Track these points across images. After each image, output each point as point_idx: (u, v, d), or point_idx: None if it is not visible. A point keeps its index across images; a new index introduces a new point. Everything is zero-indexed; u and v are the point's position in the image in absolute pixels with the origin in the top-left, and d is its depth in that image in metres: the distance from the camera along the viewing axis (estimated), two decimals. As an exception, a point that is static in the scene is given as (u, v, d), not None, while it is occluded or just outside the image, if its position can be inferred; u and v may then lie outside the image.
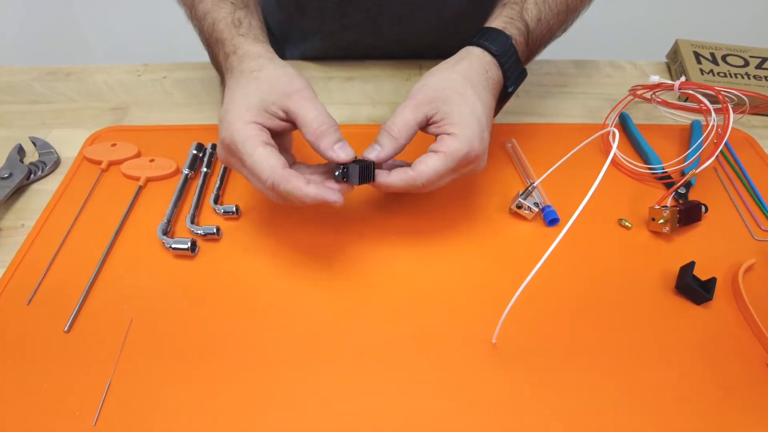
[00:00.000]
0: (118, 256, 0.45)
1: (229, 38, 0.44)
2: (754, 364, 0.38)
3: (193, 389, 0.37)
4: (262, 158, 0.37)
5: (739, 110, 0.54)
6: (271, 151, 0.37)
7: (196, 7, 0.48)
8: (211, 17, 0.46)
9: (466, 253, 0.45)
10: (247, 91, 0.39)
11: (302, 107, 0.38)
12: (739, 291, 0.41)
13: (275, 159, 0.37)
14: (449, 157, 0.38)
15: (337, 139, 0.38)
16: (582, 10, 0.53)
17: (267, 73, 0.39)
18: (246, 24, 0.44)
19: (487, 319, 0.39)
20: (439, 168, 0.39)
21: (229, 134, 0.38)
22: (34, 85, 0.64)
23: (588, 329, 0.40)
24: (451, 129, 0.39)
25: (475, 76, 0.42)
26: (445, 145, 0.39)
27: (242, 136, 0.37)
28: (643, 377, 0.37)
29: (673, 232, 0.45)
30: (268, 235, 0.46)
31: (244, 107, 0.38)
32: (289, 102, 0.38)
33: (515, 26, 0.45)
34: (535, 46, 0.48)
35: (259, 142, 0.37)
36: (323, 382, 0.37)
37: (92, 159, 0.53)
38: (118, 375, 0.37)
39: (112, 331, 0.40)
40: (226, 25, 0.44)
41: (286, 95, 0.38)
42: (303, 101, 0.38)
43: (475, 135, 0.39)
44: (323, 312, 0.41)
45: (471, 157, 0.39)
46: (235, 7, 0.46)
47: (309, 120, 0.38)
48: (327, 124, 0.38)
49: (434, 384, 0.37)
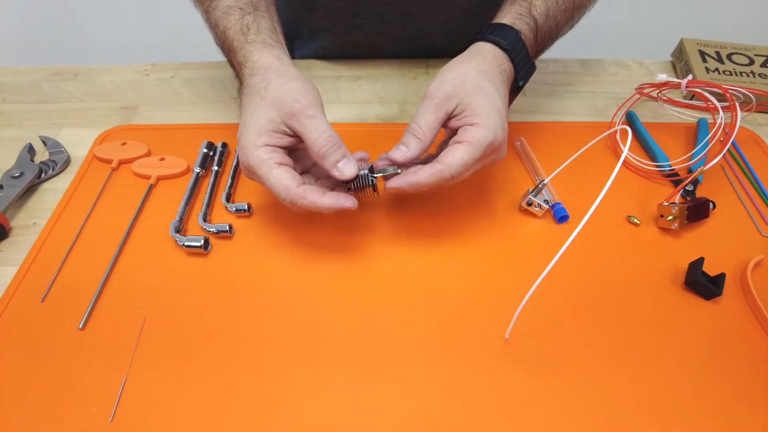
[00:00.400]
0: (131, 255, 0.45)
1: (238, 47, 0.44)
2: (764, 359, 0.38)
3: (208, 386, 0.37)
4: (277, 181, 0.39)
5: (746, 108, 0.55)
6: (285, 171, 0.39)
7: (210, 15, 0.48)
8: (222, 25, 0.46)
9: (476, 250, 0.45)
10: (257, 114, 0.40)
11: (306, 128, 0.39)
12: (748, 286, 0.41)
13: (289, 179, 0.39)
14: (475, 146, 0.39)
15: (340, 156, 0.39)
16: (589, 6, 0.53)
17: (273, 90, 0.40)
18: (254, 29, 0.45)
19: (499, 316, 0.39)
20: (466, 158, 0.39)
21: (246, 158, 0.40)
22: (42, 85, 0.65)
23: (598, 325, 0.40)
24: (474, 119, 0.39)
25: (489, 69, 0.42)
26: (470, 134, 0.39)
27: (256, 160, 0.39)
28: (654, 373, 0.38)
29: (681, 228, 0.46)
30: (280, 233, 0.47)
31: (255, 132, 0.40)
32: (294, 122, 0.39)
33: (524, 22, 0.46)
34: (544, 41, 0.49)
35: (273, 165, 0.39)
36: (336, 379, 0.37)
37: (102, 158, 0.53)
38: (133, 372, 0.38)
39: (127, 329, 0.40)
40: (236, 33, 0.45)
41: (291, 115, 0.39)
42: (307, 121, 0.39)
43: (497, 123, 0.39)
44: (336, 309, 0.41)
45: (495, 146, 0.40)
46: (244, 12, 0.46)
47: (312, 141, 0.39)
48: (329, 144, 0.39)
49: (447, 380, 0.37)
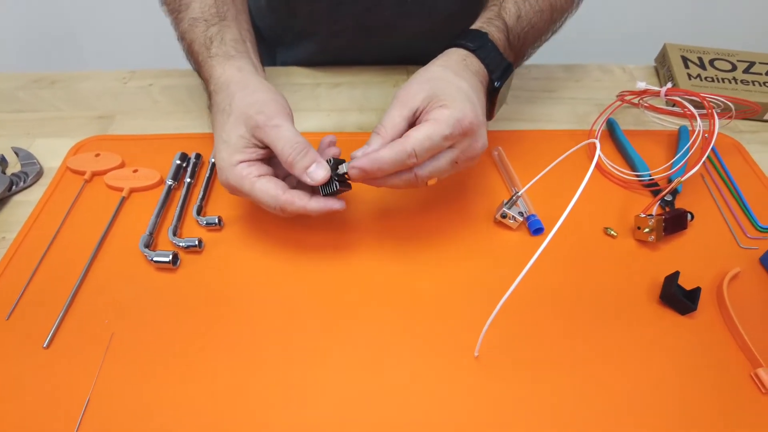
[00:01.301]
0: (100, 269, 0.45)
1: (203, 62, 0.44)
2: (738, 375, 0.38)
3: (175, 404, 0.36)
4: (261, 192, 0.39)
5: (726, 116, 0.54)
6: (267, 181, 0.39)
7: (178, 27, 0.48)
8: (188, 38, 0.46)
9: (450, 263, 0.45)
10: (226, 132, 0.40)
11: (272, 138, 0.38)
12: (724, 300, 0.41)
13: (273, 188, 0.39)
14: (441, 121, 0.37)
15: (309, 162, 0.38)
16: (572, 9, 0.53)
17: (237, 106, 0.40)
18: (217, 41, 0.45)
19: (471, 331, 0.39)
20: (431, 132, 0.37)
21: (225, 178, 0.40)
22: (18, 93, 0.64)
23: (572, 340, 0.40)
24: (440, 103, 0.38)
25: (454, 64, 0.42)
26: (435, 113, 0.38)
27: (236, 178, 0.39)
28: (628, 388, 0.37)
29: (658, 240, 0.45)
30: (251, 246, 0.46)
31: (227, 151, 0.40)
32: (261, 135, 0.39)
33: (493, 24, 0.46)
34: (520, 43, 0.48)
35: (254, 179, 0.39)
36: (306, 395, 0.37)
37: (75, 170, 0.53)
38: (97, 391, 0.37)
39: (93, 346, 0.40)
40: (200, 47, 0.45)
41: (257, 128, 0.39)
42: (272, 131, 0.38)
43: (466, 106, 0.38)
44: (305, 325, 0.41)
45: (465, 125, 0.38)
46: (209, 24, 0.46)
47: (279, 151, 0.38)
48: (296, 151, 0.38)
49: (418, 394, 0.37)
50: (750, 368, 0.38)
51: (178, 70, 0.67)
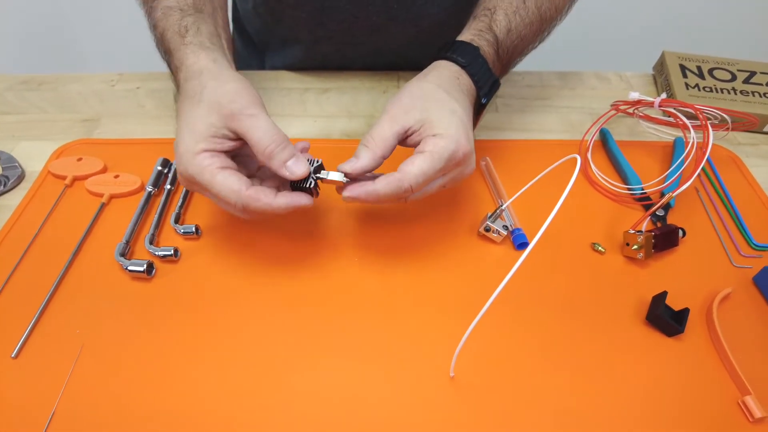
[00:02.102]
0: (75, 278, 0.44)
1: (175, 49, 0.42)
2: (725, 401, 0.36)
3: (143, 416, 0.36)
4: (223, 186, 0.36)
5: (722, 128, 0.52)
6: (230, 174, 0.37)
7: (150, 16, 0.47)
8: (161, 26, 0.45)
9: (430, 277, 0.43)
10: (193, 119, 0.38)
11: (248, 127, 0.37)
12: (713, 323, 0.39)
13: (236, 182, 0.36)
14: (436, 155, 0.37)
15: (288, 155, 0.37)
16: (559, 19, 0.52)
17: (209, 94, 0.38)
18: (192, 31, 0.43)
19: (449, 349, 0.37)
20: (426, 168, 0.37)
21: (184, 168, 0.37)
22: (6, 94, 0.63)
23: (553, 359, 0.38)
24: (434, 131, 0.37)
25: (447, 82, 0.41)
26: (431, 144, 0.37)
27: (196, 167, 0.37)
28: (609, 412, 0.36)
29: (648, 257, 0.43)
30: (228, 256, 0.45)
31: (192, 139, 0.37)
32: (234, 123, 0.37)
33: (483, 38, 0.44)
34: (508, 56, 0.47)
35: (216, 170, 0.36)
36: (279, 408, 0.36)
37: (57, 174, 0.52)
38: (63, 403, 0.36)
39: (62, 357, 0.39)
40: (173, 35, 0.43)
41: (231, 116, 0.37)
42: (248, 120, 0.37)
43: (460, 134, 0.38)
44: (279, 338, 0.40)
45: (459, 156, 0.38)
46: (184, 14, 0.44)
47: (256, 140, 0.36)
48: (275, 143, 0.36)
49: (392, 415, 0.36)
50: (738, 395, 0.36)
51: (165, 73, 0.65)
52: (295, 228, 0.47)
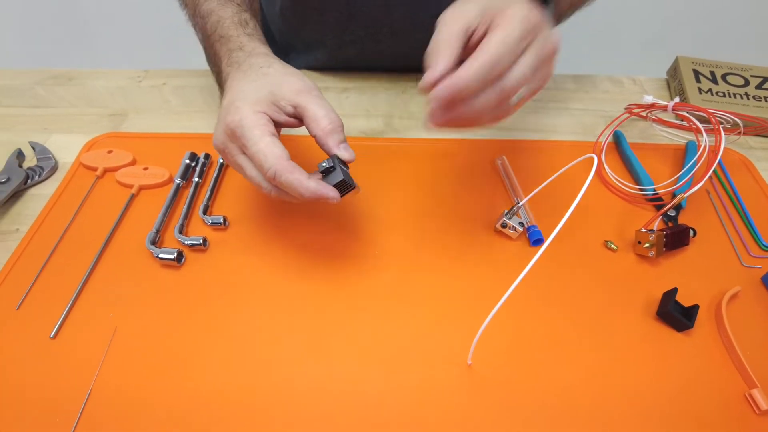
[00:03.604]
0: (107, 264, 0.46)
1: (235, 36, 0.45)
2: (732, 394, 0.38)
3: (174, 398, 0.37)
4: (268, 147, 0.37)
5: (734, 132, 0.53)
6: (277, 141, 0.38)
7: (200, 5, 0.49)
8: (216, 15, 0.47)
9: (449, 271, 0.45)
10: (257, 84, 0.40)
11: (313, 104, 0.38)
12: (722, 319, 0.40)
13: (280, 149, 0.37)
14: (509, 24, 0.34)
15: (344, 138, 0.39)
16: None
17: (277, 70, 0.40)
18: (252, 25, 0.46)
19: (467, 339, 0.39)
20: (504, 36, 0.34)
21: (238, 118, 0.38)
22: (36, 88, 0.66)
23: (567, 353, 0.40)
24: (499, 10, 0.35)
25: None
26: (498, 19, 0.35)
27: (251, 121, 0.37)
28: (620, 402, 0.37)
29: (659, 256, 0.45)
30: (254, 246, 0.47)
31: (253, 97, 0.39)
32: (300, 98, 0.39)
33: None
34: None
35: (267, 132, 0.37)
36: (303, 395, 0.38)
37: (88, 165, 0.54)
38: (99, 383, 0.38)
39: (97, 339, 0.41)
40: (233, 24, 0.46)
41: (297, 92, 0.39)
42: (314, 99, 0.39)
43: (524, 4, 0.35)
44: (304, 326, 0.42)
45: (534, 20, 0.35)
46: (241, 8, 0.48)
47: (320, 116, 0.38)
48: (336, 123, 0.38)
49: (411, 400, 0.37)
50: (745, 388, 0.38)
51: (190, 71, 0.68)
52: (319, 222, 0.49)
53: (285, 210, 0.50)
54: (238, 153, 0.39)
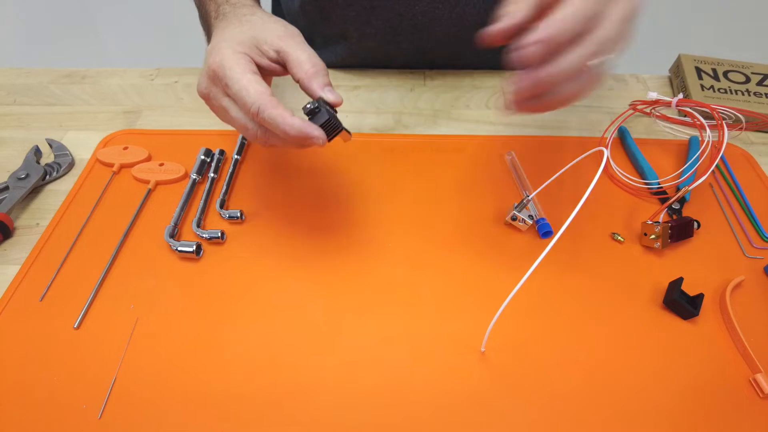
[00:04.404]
0: (127, 257, 0.47)
1: None
2: (737, 380, 0.39)
3: (194, 387, 0.39)
4: (250, 83, 0.37)
5: (736, 128, 0.55)
6: (260, 78, 0.38)
7: None
8: None
9: (460, 262, 0.46)
10: (241, 29, 0.40)
11: (296, 48, 0.39)
12: (726, 307, 0.42)
13: (263, 86, 0.37)
14: None
15: (328, 81, 0.39)
16: None
17: (260, 17, 0.41)
18: None
19: (479, 328, 0.40)
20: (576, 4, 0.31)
21: (219, 59, 0.38)
22: (51, 87, 0.67)
23: (576, 341, 0.41)
24: None
25: None
26: None
27: (231, 61, 0.38)
28: (629, 388, 0.38)
29: (664, 247, 0.46)
30: (271, 239, 0.48)
31: (236, 40, 0.39)
32: (283, 43, 0.39)
33: None
34: None
35: (248, 69, 0.38)
36: (319, 385, 0.39)
37: (105, 162, 0.55)
38: (123, 372, 0.39)
39: (119, 329, 0.42)
40: None
41: (280, 37, 0.40)
42: (297, 44, 0.39)
43: None
44: (320, 317, 0.43)
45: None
46: None
47: (302, 60, 0.39)
48: (319, 66, 0.39)
49: (426, 390, 0.38)
50: (749, 373, 0.39)
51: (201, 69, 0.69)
52: (333, 215, 0.50)
53: (300, 203, 0.51)
54: (222, 96, 0.39)
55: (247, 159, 0.56)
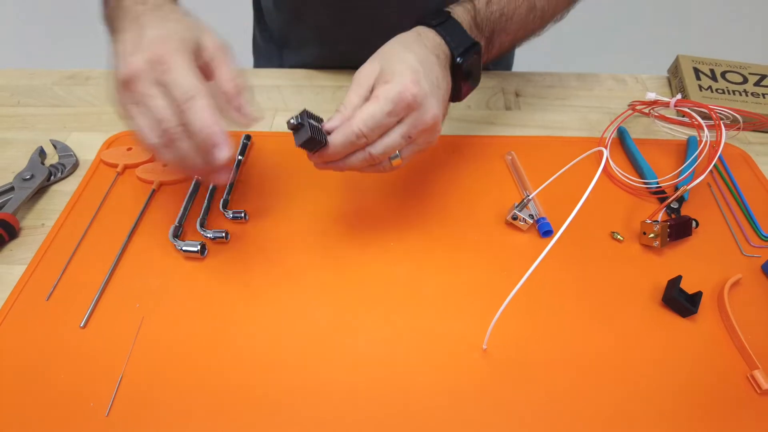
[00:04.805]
0: (132, 257, 0.48)
1: None
2: (735, 376, 0.39)
3: (199, 385, 0.39)
4: (195, 74, 0.36)
5: (734, 128, 0.55)
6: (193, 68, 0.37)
7: None
8: None
9: (462, 261, 0.47)
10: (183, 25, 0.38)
11: (225, 59, 0.39)
12: (724, 305, 0.42)
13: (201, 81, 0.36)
14: (381, 97, 0.37)
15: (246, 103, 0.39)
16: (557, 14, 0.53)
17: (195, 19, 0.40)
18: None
19: (481, 326, 0.41)
20: (373, 109, 0.37)
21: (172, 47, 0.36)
22: (55, 88, 0.67)
23: (576, 338, 0.42)
24: (384, 78, 0.39)
25: (407, 38, 0.43)
26: (379, 89, 0.38)
27: (183, 53, 0.36)
28: (628, 384, 0.39)
29: (663, 246, 0.47)
30: (274, 239, 0.49)
31: (183, 36, 0.37)
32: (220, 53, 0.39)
33: (461, 5, 0.47)
34: (490, 28, 0.48)
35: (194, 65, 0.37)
36: (322, 382, 0.39)
37: (109, 162, 0.56)
38: (129, 369, 0.40)
39: (125, 328, 0.42)
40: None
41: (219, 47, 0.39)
42: (228, 55, 0.39)
43: (406, 77, 0.38)
44: (324, 315, 0.43)
45: (407, 98, 0.38)
46: None
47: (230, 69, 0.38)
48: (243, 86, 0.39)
49: (429, 388, 0.39)
50: (747, 370, 0.40)
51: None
52: (334, 215, 0.51)
53: (302, 203, 0.52)
54: (151, 83, 0.36)
55: (250, 159, 0.57)
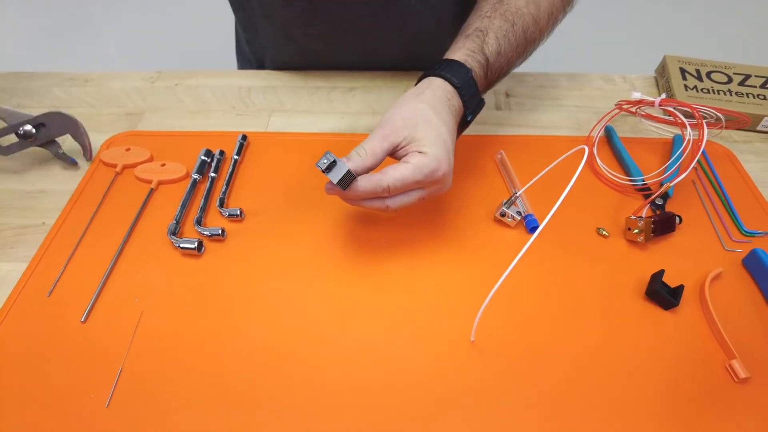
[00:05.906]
0: (131, 254, 0.49)
1: None
2: (714, 366, 0.41)
3: (196, 377, 0.40)
4: None
5: (717, 126, 0.57)
6: None
7: None
8: None
9: (452, 257, 0.48)
10: None
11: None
12: (705, 298, 0.44)
13: None
14: (417, 168, 0.41)
15: None
16: (541, 41, 0.55)
17: None
18: None
19: (469, 319, 0.42)
20: (406, 175, 0.41)
21: None
22: (54, 90, 0.69)
23: (562, 330, 0.43)
24: (421, 148, 0.41)
25: (439, 103, 0.44)
26: (416, 159, 0.41)
27: None
28: (612, 375, 0.40)
29: (647, 241, 0.48)
30: (270, 237, 0.50)
31: None
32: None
33: (476, 59, 0.47)
34: (494, 77, 0.50)
35: None
36: (317, 376, 0.41)
37: (108, 162, 0.57)
38: (128, 362, 0.41)
39: (124, 323, 0.44)
40: None
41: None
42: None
43: (442, 155, 0.41)
44: (318, 310, 0.45)
45: (438, 176, 0.42)
46: None
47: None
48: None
49: (420, 379, 0.40)
50: (726, 359, 0.41)
51: (200, 71, 0.71)
52: (328, 213, 0.52)
53: (296, 201, 0.53)
54: None
55: (246, 159, 0.58)
